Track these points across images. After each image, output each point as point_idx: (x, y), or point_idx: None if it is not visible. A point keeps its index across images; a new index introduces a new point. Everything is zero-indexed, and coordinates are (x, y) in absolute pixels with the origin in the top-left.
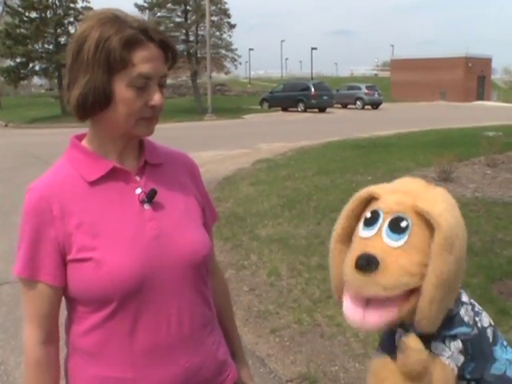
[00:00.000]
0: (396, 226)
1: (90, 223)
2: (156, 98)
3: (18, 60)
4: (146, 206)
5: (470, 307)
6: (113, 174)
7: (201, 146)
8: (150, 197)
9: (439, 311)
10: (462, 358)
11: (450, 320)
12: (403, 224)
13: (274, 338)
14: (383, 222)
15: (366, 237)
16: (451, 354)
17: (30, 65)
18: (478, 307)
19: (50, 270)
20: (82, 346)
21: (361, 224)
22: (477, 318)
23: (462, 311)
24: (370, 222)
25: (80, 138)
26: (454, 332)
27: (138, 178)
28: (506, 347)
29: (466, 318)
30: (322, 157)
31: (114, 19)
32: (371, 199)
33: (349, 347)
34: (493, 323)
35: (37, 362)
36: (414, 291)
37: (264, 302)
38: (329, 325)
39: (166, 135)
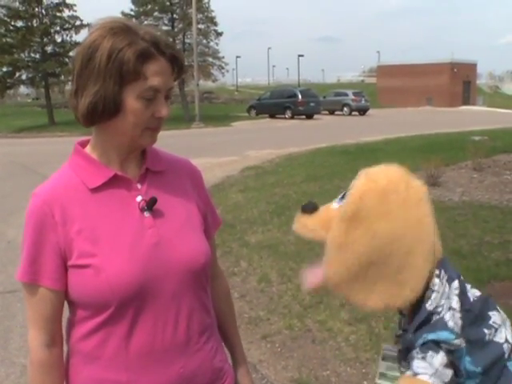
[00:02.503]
0: (344, 195)
1: (91, 230)
2: (163, 110)
3: (5, 69)
4: (146, 214)
5: (458, 315)
6: (114, 182)
7: (189, 154)
8: (150, 205)
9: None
10: (449, 372)
11: (432, 322)
12: (346, 194)
13: (266, 344)
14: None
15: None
16: (435, 372)
17: (17, 74)
18: (494, 321)
19: (51, 275)
20: (80, 348)
21: None
22: (486, 331)
23: (447, 316)
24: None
25: (83, 144)
26: (434, 336)
27: (139, 186)
28: None
29: (450, 324)
30: (310, 163)
31: (126, 30)
32: None
33: (340, 352)
34: (510, 340)
35: (40, 363)
36: None
37: (255, 308)
38: (320, 330)
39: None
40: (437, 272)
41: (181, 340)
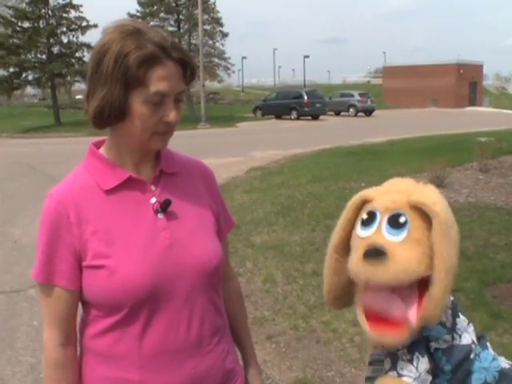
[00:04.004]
0: (395, 222)
1: (105, 231)
2: (171, 115)
3: (11, 70)
4: (160, 216)
5: (449, 311)
6: (129, 184)
7: (194, 155)
8: (164, 207)
9: (447, 301)
10: (429, 378)
11: None
12: (402, 219)
13: (271, 344)
14: (381, 220)
15: (365, 236)
16: (418, 376)
17: (23, 74)
18: (459, 328)
19: (66, 274)
20: (94, 347)
21: (358, 226)
22: (455, 335)
23: None
24: (367, 222)
25: (98, 144)
26: (427, 331)
27: (153, 188)
28: (478, 355)
29: (442, 318)
30: (315, 164)
31: (136, 33)
32: (364, 203)
33: (344, 352)
34: (475, 341)
35: (56, 362)
36: (425, 290)
37: (260, 308)
38: (324, 330)
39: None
40: None
41: (193, 341)
